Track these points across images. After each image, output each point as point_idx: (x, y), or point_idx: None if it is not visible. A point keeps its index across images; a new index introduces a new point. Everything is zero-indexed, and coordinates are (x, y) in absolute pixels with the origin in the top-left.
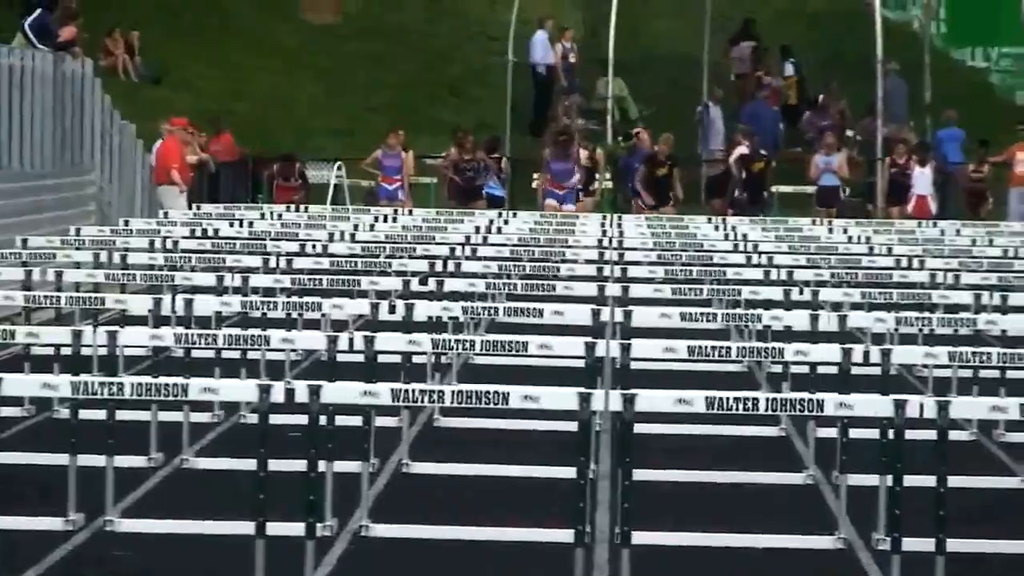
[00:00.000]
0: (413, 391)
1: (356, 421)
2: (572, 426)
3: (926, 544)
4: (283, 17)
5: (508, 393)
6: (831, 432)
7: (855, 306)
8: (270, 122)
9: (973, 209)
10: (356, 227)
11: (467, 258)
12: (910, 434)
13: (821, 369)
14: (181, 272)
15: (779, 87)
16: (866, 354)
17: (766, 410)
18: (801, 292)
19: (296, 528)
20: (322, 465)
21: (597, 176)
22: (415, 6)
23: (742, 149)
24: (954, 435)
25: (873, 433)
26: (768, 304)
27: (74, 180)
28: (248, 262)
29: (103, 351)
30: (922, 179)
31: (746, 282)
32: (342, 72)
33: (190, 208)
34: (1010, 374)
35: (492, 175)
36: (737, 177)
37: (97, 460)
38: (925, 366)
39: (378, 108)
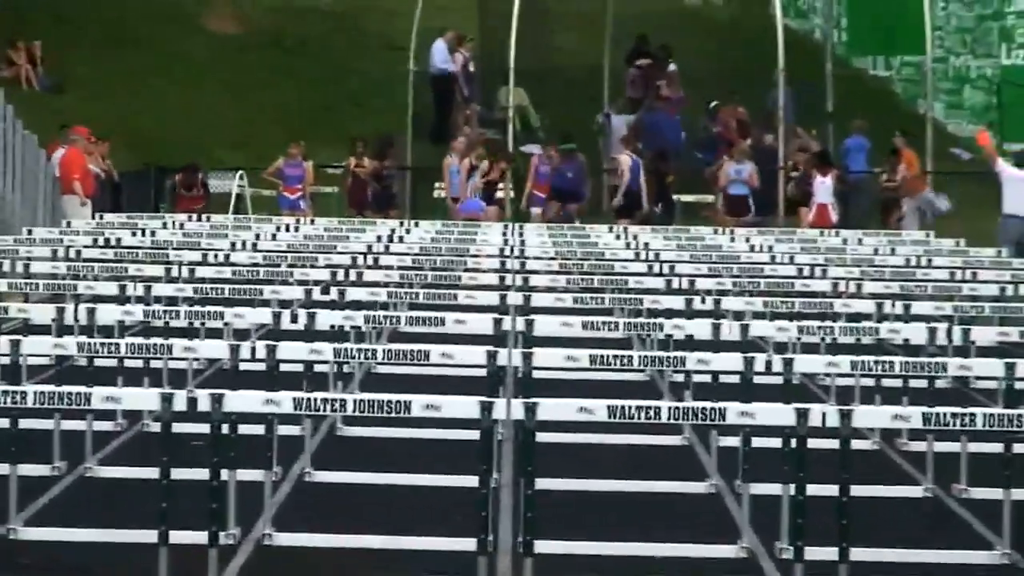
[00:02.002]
0: (315, 400)
1: (259, 430)
2: (474, 435)
3: (829, 553)
4: (185, 28)
5: (410, 402)
6: (734, 441)
7: (757, 315)
8: (171, 133)
9: (885, 219)
10: (258, 236)
11: (369, 267)
12: (813, 443)
13: (723, 378)
14: (84, 281)
15: (681, 97)
16: (768, 363)
17: (668, 419)
18: (703, 301)
19: (199, 536)
20: (225, 473)
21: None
22: (315, 18)
23: (624, 159)
24: (857, 444)
25: (776, 442)
26: (670, 313)
27: None
28: (150, 271)
29: (6, 360)
30: (823, 188)
31: (648, 291)
32: (243, 83)
33: (93, 217)
34: (912, 383)
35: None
36: (631, 184)
37: (0, 468)
38: (827, 375)
39: (279, 119)
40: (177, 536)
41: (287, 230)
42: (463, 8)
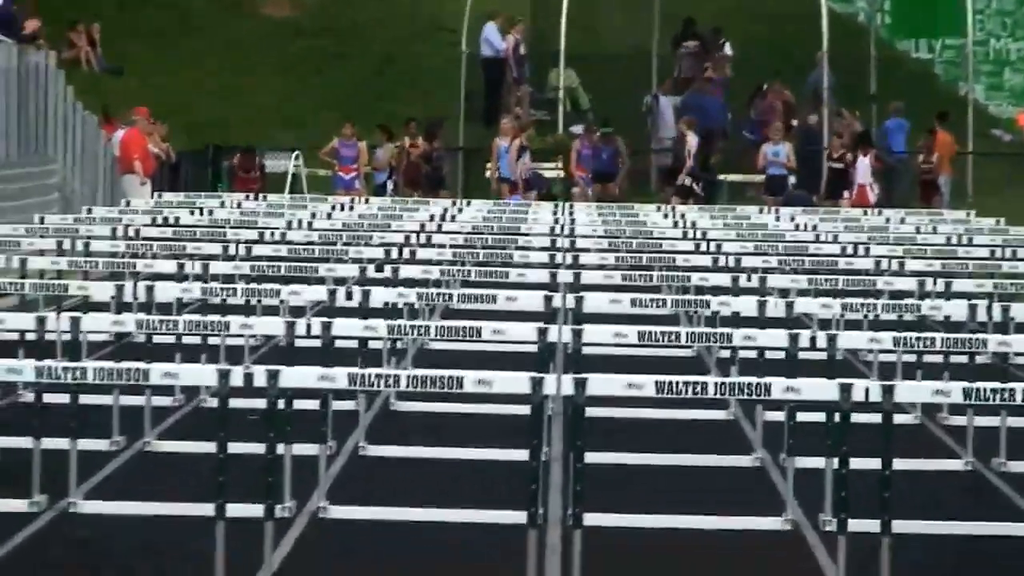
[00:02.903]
0: (369, 375)
1: (314, 405)
2: (525, 410)
3: (872, 525)
4: (240, 13)
5: (462, 377)
6: (779, 416)
7: (802, 292)
8: (227, 115)
9: (927, 200)
10: (313, 216)
11: (422, 246)
12: (856, 417)
13: (769, 354)
14: (142, 259)
15: (725, 80)
16: (813, 339)
17: (715, 394)
18: (749, 279)
19: (255, 510)
20: (281, 448)
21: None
22: (368, 1)
23: (692, 139)
24: (899, 419)
25: (820, 416)
26: (716, 290)
27: (38, 169)
28: (208, 250)
29: (66, 336)
30: (862, 168)
31: (695, 269)
32: (297, 66)
33: (152, 197)
34: (953, 359)
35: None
36: (694, 165)
37: (61, 443)
38: (870, 351)
39: (332, 101)
40: (234, 509)
41: (342, 209)
42: None
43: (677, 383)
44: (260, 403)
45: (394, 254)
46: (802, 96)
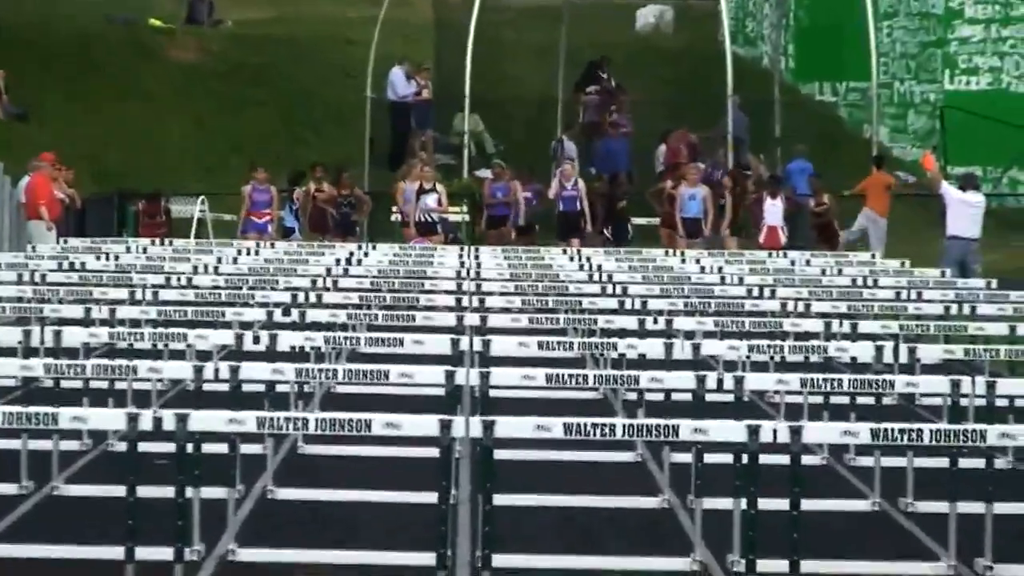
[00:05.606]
0: (277, 419)
1: (222, 448)
2: (434, 452)
3: (780, 565)
4: (148, 59)
5: (371, 420)
6: (686, 457)
7: (708, 334)
8: (134, 160)
9: (827, 242)
10: (219, 260)
11: (328, 290)
12: (763, 458)
13: (675, 396)
14: (49, 304)
15: (628, 123)
16: (719, 381)
17: (622, 436)
18: (655, 321)
19: (165, 553)
20: (189, 491)
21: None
22: (274, 47)
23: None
24: (805, 459)
25: (727, 458)
26: (623, 333)
27: None
28: (115, 294)
29: None
30: (773, 211)
31: (601, 312)
32: (205, 112)
33: (58, 242)
34: (860, 400)
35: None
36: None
37: None
38: (777, 392)
39: (240, 146)
40: (143, 552)
41: (248, 253)
42: (419, 37)
43: (585, 425)
44: (169, 447)
45: (301, 298)
46: (711, 139)
